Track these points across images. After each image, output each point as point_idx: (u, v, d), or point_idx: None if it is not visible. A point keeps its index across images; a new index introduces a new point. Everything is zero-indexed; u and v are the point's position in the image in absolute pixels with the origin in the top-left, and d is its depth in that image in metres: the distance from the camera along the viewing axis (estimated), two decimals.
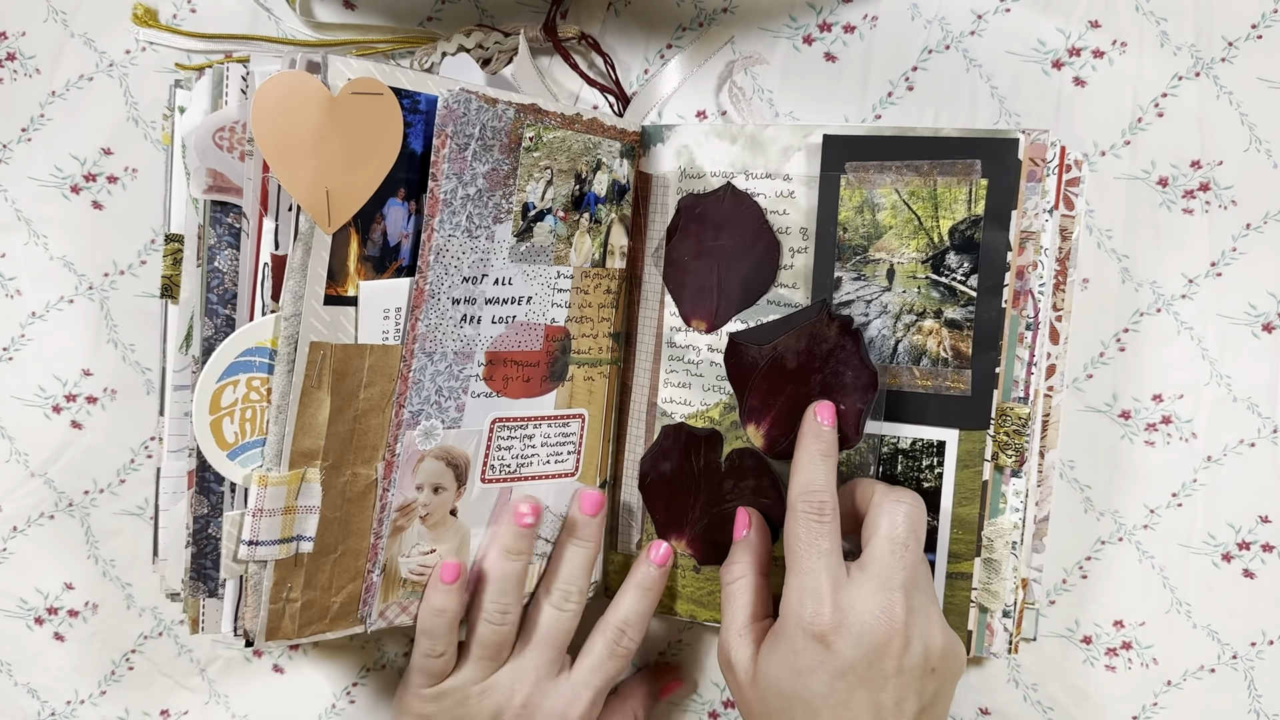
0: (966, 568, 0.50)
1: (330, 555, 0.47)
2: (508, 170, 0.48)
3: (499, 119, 0.48)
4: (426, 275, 0.47)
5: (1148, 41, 0.54)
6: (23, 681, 0.64)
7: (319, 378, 0.44)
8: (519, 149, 0.49)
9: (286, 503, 0.45)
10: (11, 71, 0.60)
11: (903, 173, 0.49)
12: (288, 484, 0.45)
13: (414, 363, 0.47)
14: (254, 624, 0.46)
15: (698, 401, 0.55)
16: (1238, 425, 0.55)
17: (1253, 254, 0.54)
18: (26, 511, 0.63)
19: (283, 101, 0.42)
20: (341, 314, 0.45)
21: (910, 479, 0.50)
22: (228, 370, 0.44)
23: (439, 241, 0.47)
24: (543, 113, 0.49)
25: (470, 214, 0.47)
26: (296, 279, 0.43)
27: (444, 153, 0.46)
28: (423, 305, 0.47)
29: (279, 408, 0.44)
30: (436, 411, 0.49)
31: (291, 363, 0.44)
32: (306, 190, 0.42)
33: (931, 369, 0.49)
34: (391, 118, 0.44)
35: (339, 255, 0.44)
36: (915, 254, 0.49)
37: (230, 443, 0.45)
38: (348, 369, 0.45)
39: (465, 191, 0.47)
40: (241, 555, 0.44)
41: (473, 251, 0.48)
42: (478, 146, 0.47)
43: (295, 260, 0.43)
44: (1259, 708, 0.56)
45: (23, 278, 0.61)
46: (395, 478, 0.48)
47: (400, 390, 0.47)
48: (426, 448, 0.49)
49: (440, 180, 0.46)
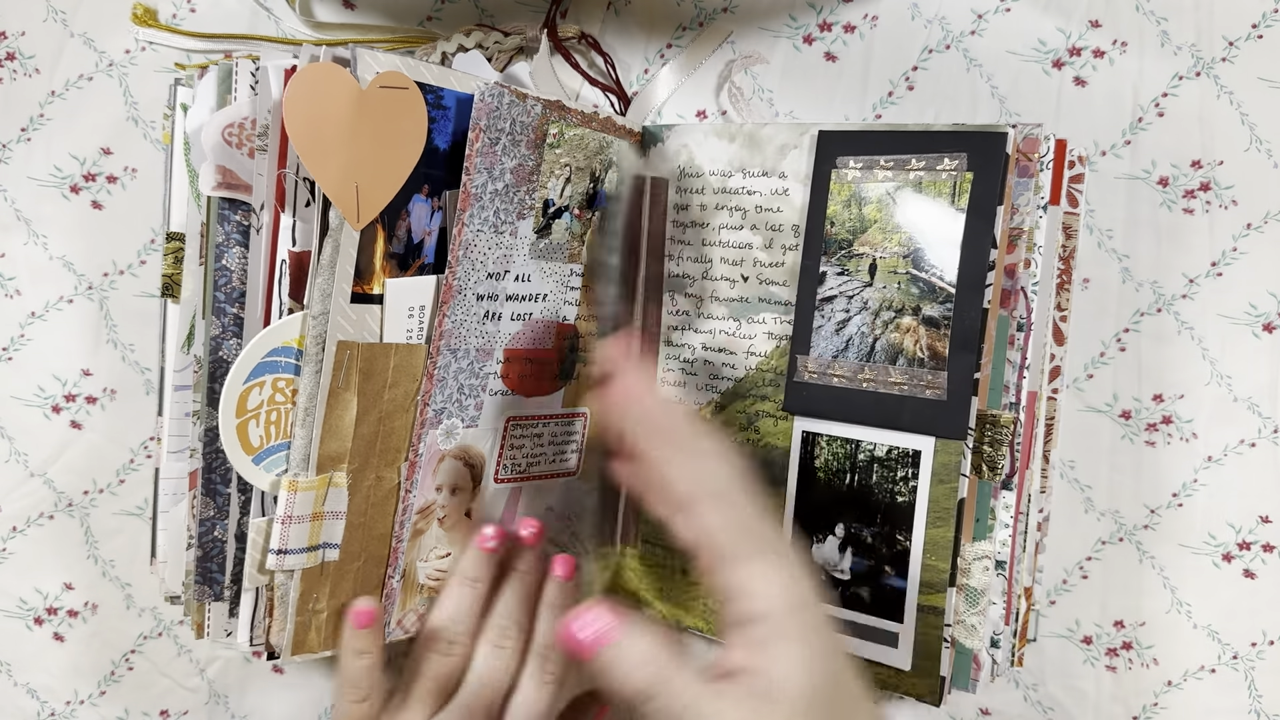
0: (938, 600, 0.47)
1: (354, 563, 0.46)
2: (532, 166, 0.48)
3: (528, 114, 0.47)
4: (455, 271, 0.46)
5: (1148, 41, 0.54)
6: (23, 681, 0.64)
7: (346, 378, 0.43)
8: (543, 145, 0.48)
9: (315, 509, 0.44)
10: (11, 71, 0.60)
11: (890, 166, 0.49)
12: (316, 489, 0.44)
13: (439, 360, 0.46)
14: (279, 638, 0.44)
15: (691, 400, 0.54)
16: (1238, 425, 0.55)
17: (1253, 254, 0.54)
18: (26, 511, 0.62)
19: (314, 94, 0.41)
20: (367, 312, 0.44)
21: (884, 491, 0.49)
22: (254, 371, 0.43)
23: (468, 236, 0.46)
24: (566, 110, 0.49)
25: (498, 209, 0.47)
26: (325, 276, 0.42)
27: (477, 146, 0.45)
28: (450, 301, 0.46)
29: (306, 410, 0.43)
30: (457, 410, 0.49)
31: (319, 363, 0.43)
32: (337, 184, 0.41)
33: (907, 369, 0.48)
34: (417, 112, 0.43)
35: (366, 252, 0.43)
36: (897, 248, 0.48)
37: (256, 447, 0.44)
38: (374, 369, 0.44)
39: (494, 186, 0.47)
40: (270, 564, 0.43)
41: (498, 247, 0.48)
42: (507, 141, 0.47)
43: (324, 257, 0.42)
44: (1259, 708, 0.56)
45: (22, 278, 0.61)
46: (417, 479, 0.47)
47: (425, 388, 0.46)
48: (447, 447, 0.48)
49: (473, 174, 0.45)
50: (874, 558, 0.49)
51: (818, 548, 0.51)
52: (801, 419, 0.51)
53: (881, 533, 0.49)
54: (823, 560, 0.51)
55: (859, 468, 0.49)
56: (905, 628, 0.48)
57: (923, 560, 0.47)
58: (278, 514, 0.43)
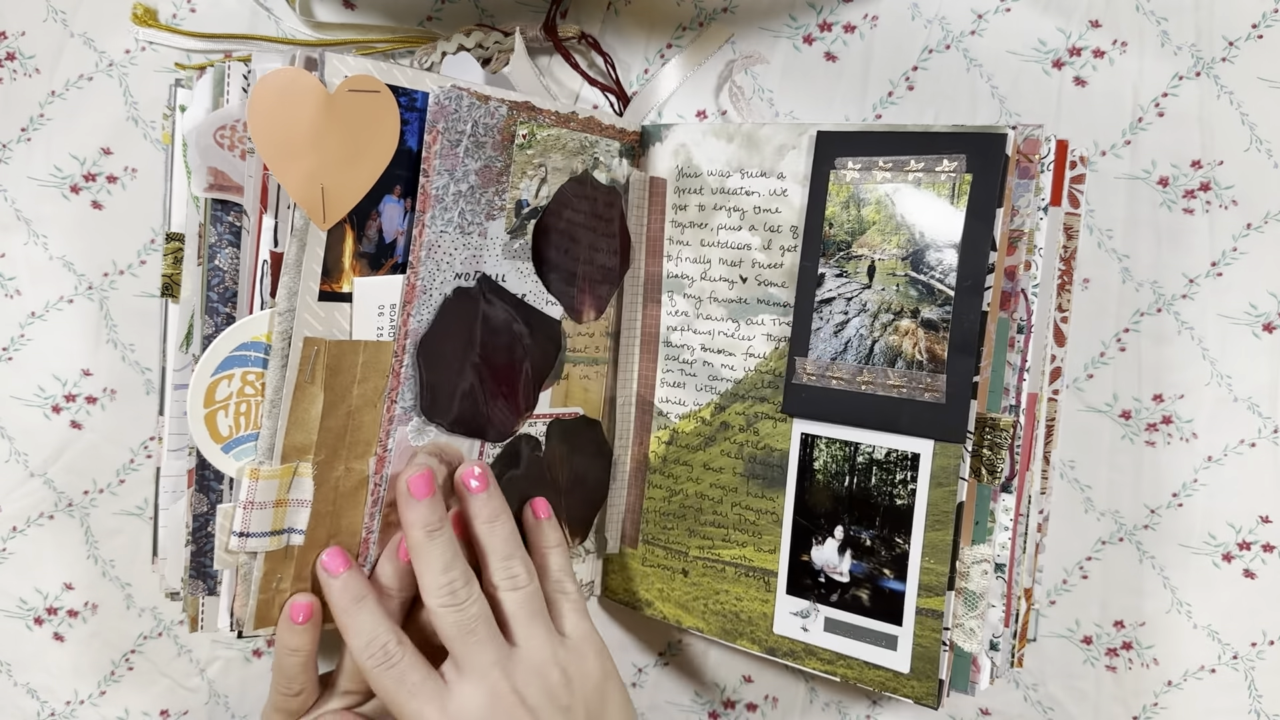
0: (937, 604, 0.47)
1: (321, 548, 0.47)
2: (500, 167, 0.48)
3: (491, 116, 0.48)
4: (418, 271, 0.47)
5: (1148, 41, 0.54)
6: (23, 681, 0.64)
7: (312, 373, 0.45)
8: (512, 146, 0.49)
9: (278, 496, 0.45)
10: (11, 71, 0.60)
11: (889, 167, 0.48)
12: (279, 478, 0.45)
13: (406, 358, 0.47)
14: (244, 612, 0.46)
15: (690, 401, 0.54)
16: (1238, 425, 0.55)
17: (1253, 254, 0.54)
18: (26, 511, 0.63)
19: (279, 98, 0.42)
20: (336, 310, 0.45)
21: (883, 494, 0.49)
22: (223, 364, 0.44)
23: (430, 237, 0.47)
24: (536, 110, 0.49)
25: (463, 210, 0.47)
26: (291, 275, 0.43)
27: (435, 148, 0.46)
28: (414, 301, 0.47)
29: (272, 402, 0.44)
30: None
31: (285, 358, 0.44)
32: (301, 186, 0.42)
33: (906, 372, 0.47)
34: (388, 115, 0.44)
35: (334, 252, 0.44)
36: (896, 250, 0.48)
37: (225, 436, 0.45)
38: (341, 365, 0.45)
39: (458, 188, 0.47)
40: (232, 546, 0.45)
41: (465, 248, 0.48)
42: (470, 143, 0.47)
43: (290, 256, 0.43)
44: (1259, 708, 0.56)
45: (22, 278, 0.61)
46: (386, 473, 0.48)
47: (393, 386, 0.47)
48: (419, 443, 0.49)
49: (432, 176, 0.46)
50: (873, 560, 0.49)
51: (817, 550, 0.51)
52: (800, 421, 0.51)
53: (880, 535, 0.49)
54: (822, 562, 0.51)
55: (858, 470, 0.49)
56: (904, 630, 0.48)
57: (921, 563, 0.47)
58: (239, 498, 0.44)
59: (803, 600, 0.51)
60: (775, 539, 0.52)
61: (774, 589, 0.52)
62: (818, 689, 0.61)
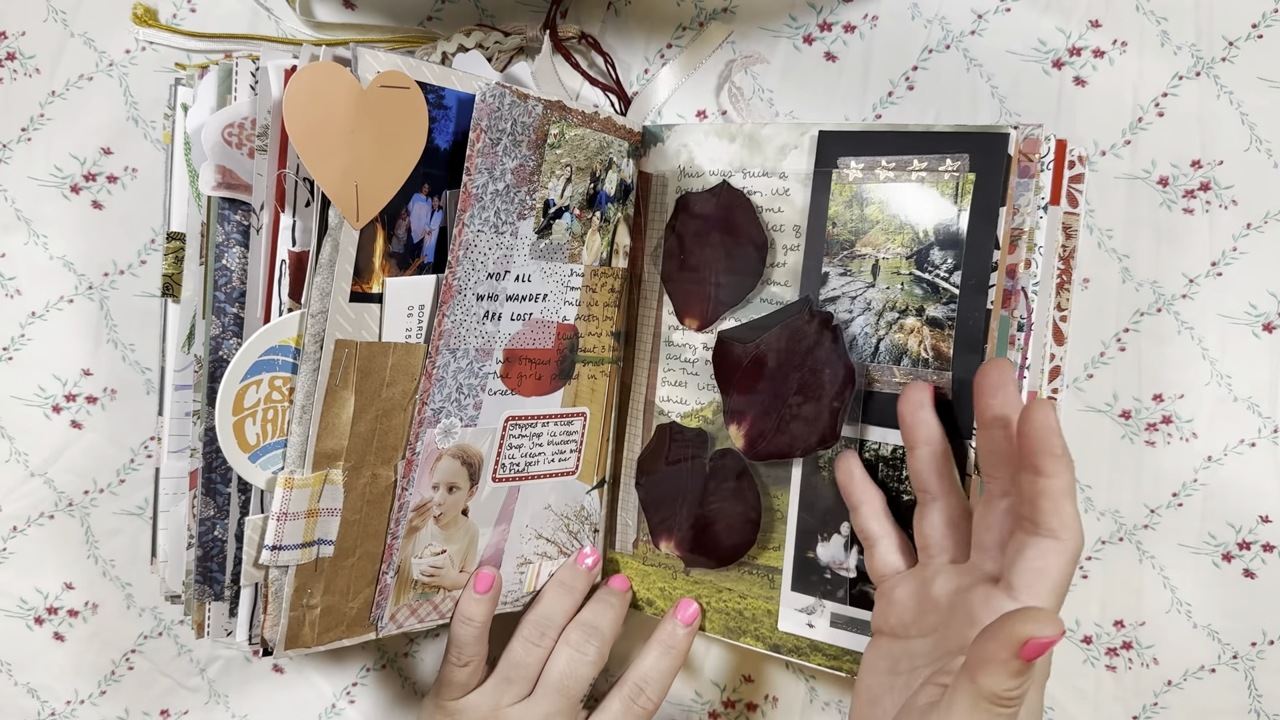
0: None
1: (349, 559, 0.47)
2: (533, 166, 0.48)
3: (529, 114, 0.47)
4: (455, 270, 0.46)
5: (1148, 41, 0.54)
6: (23, 681, 0.64)
7: (344, 376, 0.44)
8: (544, 145, 0.48)
9: (310, 505, 0.44)
10: (11, 71, 0.60)
11: (891, 166, 0.49)
12: (312, 486, 0.44)
13: (438, 359, 0.47)
14: (274, 633, 0.45)
15: (693, 400, 0.54)
16: (1238, 425, 0.55)
17: (1253, 254, 0.54)
18: (26, 511, 0.63)
19: (315, 93, 0.41)
20: (366, 311, 0.44)
21: (890, 490, 0.49)
22: (251, 369, 0.43)
23: (469, 237, 0.46)
24: (567, 110, 0.49)
25: (498, 209, 0.47)
26: (324, 275, 0.42)
27: (478, 146, 0.45)
28: (450, 301, 0.46)
29: (303, 407, 0.43)
30: (456, 409, 0.49)
31: (317, 361, 0.43)
32: (337, 184, 0.41)
33: (912, 370, 0.48)
34: (418, 112, 0.43)
35: (365, 251, 0.43)
36: (900, 249, 0.48)
37: (252, 445, 0.44)
38: (372, 367, 0.44)
39: (495, 187, 0.47)
40: (264, 560, 0.43)
41: (498, 247, 0.48)
42: (509, 141, 0.47)
43: (323, 256, 0.42)
44: (1259, 708, 0.56)
45: (23, 277, 0.61)
46: (414, 477, 0.48)
47: (424, 387, 0.46)
48: (445, 446, 0.49)
49: (474, 174, 0.46)
50: None
51: (823, 546, 0.51)
52: None
53: None
54: (829, 558, 0.51)
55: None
56: None
57: None
58: (273, 510, 0.43)
59: (808, 597, 0.51)
60: (780, 536, 0.52)
61: (778, 586, 0.52)
62: (818, 689, 0.61)
